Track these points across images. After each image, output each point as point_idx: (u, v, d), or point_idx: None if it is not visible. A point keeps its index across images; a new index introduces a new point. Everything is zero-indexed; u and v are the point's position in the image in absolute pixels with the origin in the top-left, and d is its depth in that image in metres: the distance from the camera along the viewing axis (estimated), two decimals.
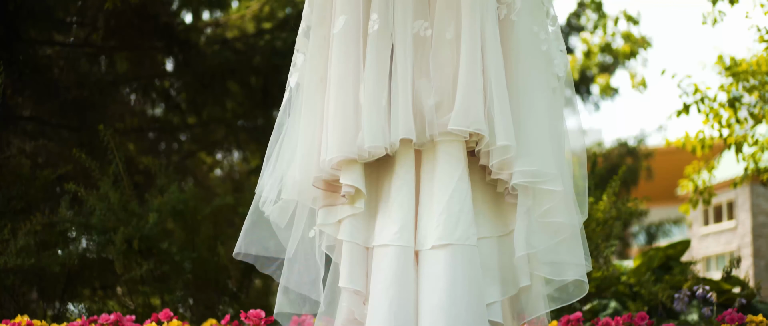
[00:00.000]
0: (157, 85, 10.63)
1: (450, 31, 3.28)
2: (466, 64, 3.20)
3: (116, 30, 9.44)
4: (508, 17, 3.35)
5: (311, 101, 3.41)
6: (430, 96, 3.22)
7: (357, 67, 3.28)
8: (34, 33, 9.02)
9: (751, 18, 8.19)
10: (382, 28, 3.27)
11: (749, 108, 8.37)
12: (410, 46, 3.28)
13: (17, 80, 8.28)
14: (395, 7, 3.31)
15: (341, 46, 3.30)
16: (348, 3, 3.32)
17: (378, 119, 3.19)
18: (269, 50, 10.42)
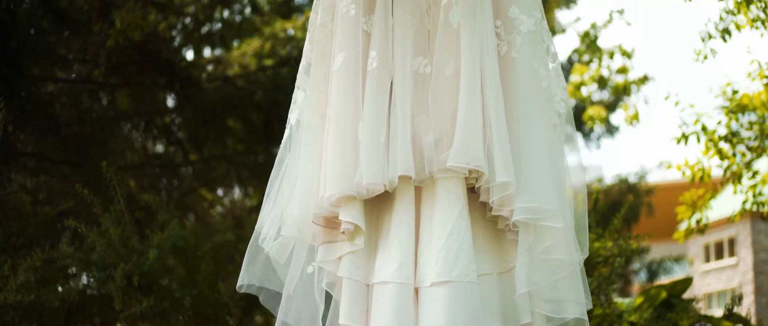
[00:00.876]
0: (158, 122, 10.65)
1: (449, 68, 3.29)
2: (465, 101, 3.21)
3: (118, 66, 9.47)
4: (509, 54, 3.36)
5: (311, 138, 3.43)
6: (430, 132, 3.23)
7: (356, 104, 3.29)
8: (36, 69, 9.04)
9: (752, 53, 8.20)
10: (381, 65, 3.28)
11: (748, 141, 8.38)
12: (409, 83, 3.29)
13: (19, 116, 8.29)
14: (394, 44, 3.32)
15: (340, 83, 3.32)
16: (347, 40, 3.34)
17: (377, 156, 3.19)
18: (270, 87, 10.45)
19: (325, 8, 3.50)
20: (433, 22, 3.38)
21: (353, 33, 3.34)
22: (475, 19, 3.30)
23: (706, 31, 8.14)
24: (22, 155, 8.76)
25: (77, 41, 9.32)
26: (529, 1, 3.41)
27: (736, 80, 8.40)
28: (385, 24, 3.33)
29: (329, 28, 3.47)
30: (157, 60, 9.60)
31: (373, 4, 3.38)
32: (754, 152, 8.35)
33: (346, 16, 3.37)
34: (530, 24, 3.37)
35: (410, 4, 3.37)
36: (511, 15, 3.37)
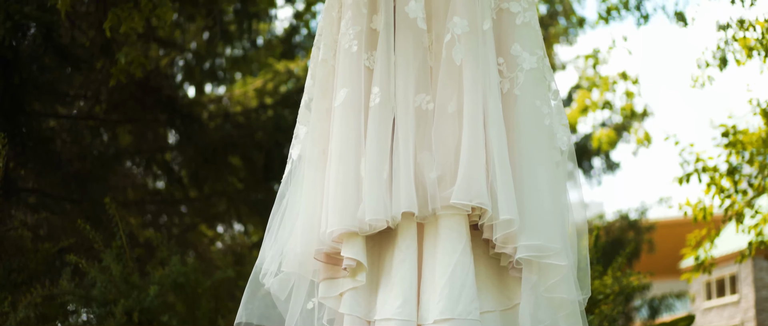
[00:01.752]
0: (158, 159, 10.65)
1: (452, 105, 3.30)
2: (468, 138, 3.22)
3: (119, 103, 9.49)
4: (511, 91, 3.37)
5: (313, 173, 3.43)
6: (433, 169, 3.23)
7: (358, 140, 3.29)
8: (37, 105, 9.06)
9: (752, 90, 8.23)
10: (383, 101, 3.29)
11: (750, 178, 8.37)
12: (412, 120, 3.29)
13: (20, 153, 8.30)
14: (396, 81, 3.33)
15: (343, 118, 3.32)
16: (349, 76, 3.35)
17: (379, 192, 3.19)
18: (271, 125, 10.46)
19: (327, 44, 3.52)
20: (435, 59, 3.39)
21: (355, 69, 3.35)
22: (477, 56, 3.31)
23: (704, 59, 8.17)
24: (23, 191, 8.76)
25: (79, 78, 9.34)
26: (531, 38, 3.43)
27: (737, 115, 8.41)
28: (388, 60, 3.34)
29: (331, 64, 3.49)
30: (159, 96, 9.62)
31: (375, 40, 3.40)
32: (755, 189, 8.35)
33: (348, 52, 3.38)
34: (532, 61, 3.39)
35: (412, 40, 3.39)
36: (514, 53, 3.39)
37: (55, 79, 9.04)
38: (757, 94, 12.65)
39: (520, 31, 3.43)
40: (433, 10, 3.46)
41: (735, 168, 8.39)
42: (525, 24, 3.45)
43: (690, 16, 8.44)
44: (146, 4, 6.02)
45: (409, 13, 3.40)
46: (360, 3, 3.43)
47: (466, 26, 3.34)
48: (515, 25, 3.44)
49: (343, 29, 3.43)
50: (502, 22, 3.45)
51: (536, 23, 3.48)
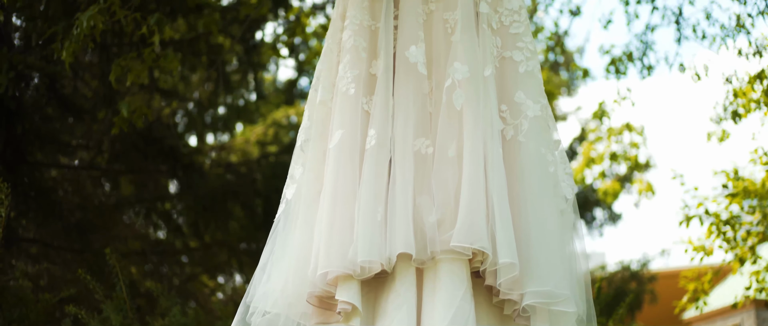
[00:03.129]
0: (159, 208, 10.64)
1: (452, 149, 3.31)
2: (468, 182, 3.22)
3: (121, 153, 9.50)
4: (516, 138, 3.38)
5: (307, 214, 3.42)
6: (432, 213, 3.22)
7: (353, 182, 3.28)
8: (40, 155, 9.07)
9: (756, 139, 8.25)
10: (379, 144, 3.29)
11: (750, 226, 8.35)
12: (410, 163, 3.30)
13: (21, 202, 8.30)
14: (395, 125, 3.34)
15: (337, 160, 3.33)
16: (345, 118, 3.37)
17: (372, 233, 3.17)
18: (272, 174, 10.46)
19: (325, 86, 3.54)
20: (435, 105, 3.41)
21: (352, 111, 3.37)
22: (478, 101, 3.33)
23: (717, 113, 8.21)
24: (24, 241, 8.74)
25: (81, 127, 9.37)
26: (534, 86, 3.46)
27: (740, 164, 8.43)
28: (386, 105, 3.35)
29: (329, 106, 3.50)
30: (161, 146, 9.64)
31: (373, 85, 3.42)
32: (757, 237, 8.33)
33: (345, 95, 3.40)
34: (536, 109, 3.41)
35: (412, 85, 3.41)
36: (518, 100, 3.41)
37: (58, 129, 9.06)
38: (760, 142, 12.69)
39: (523, 79, 3.46)
40: (434, 55, 3.49)
41: (736, 216, 8.38)
42: (528, 72, 3.47)
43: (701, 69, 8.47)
44: (150, 55, 6.05)
45: (409, 58, 3.43)
46: (359, 47, 3.46)
47: (466, 72, 3.36)
48: (518, 73, 3.46)
49: (341, 72, 3.46)
50: (505, 70, 3.48)
51: (538, 72, 3.51)
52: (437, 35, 3.53)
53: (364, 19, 3.54)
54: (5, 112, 7.98)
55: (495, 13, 3.56)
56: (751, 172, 8.57)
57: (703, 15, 9.02)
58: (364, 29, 3.52)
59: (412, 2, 3.57)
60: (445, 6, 3.58)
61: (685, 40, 9.31)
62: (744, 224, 8.32)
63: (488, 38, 3.49)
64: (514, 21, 3.56)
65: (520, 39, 3.54)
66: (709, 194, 8.47)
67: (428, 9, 3.60)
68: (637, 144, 13.27)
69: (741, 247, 8.29)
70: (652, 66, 9.89)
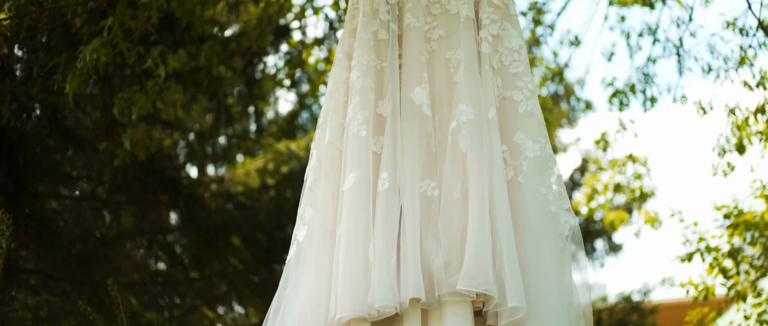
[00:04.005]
0: (160, 239, 10.62)
1: (458, 191, 3.32)
2: (474, 224, 3.23)
3: (122, 184, 9.51)
4: (516, 179, 3.40)
5: (319, 256, 3.43)
6: (439, 256, 3.23)
7: (367, 225, 3.30)
8: (41, 186, 9.07)
9: (755, 171, 8.25)
10: (391, 187, 3.31)
11: (752, 260, 8.33)
12: (417, 206, 3.31)
13: (22, 233, 8.28)
14: (403, 167, 3.35)
15: (351, 203, 3.34)
16: (359, 161, 3.38)
17: (388, 278, 3.20)
18: (273, 206, 10.46)
19: (333, 127, 3.55)
20: (439, 145, 3.42)
21: (364, 153, 3.38)
22: (482, 143, 3.34)
23: (720, 146, 8.21)
24: (24, 272, 8.72)
25: (82, 159, 9.37)
26: (533, 126, 3.47)
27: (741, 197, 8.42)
28: (395, 145, 3.37)
29: (337, 146, 3.51)
30: (162, 178, 9.64)
31: (382, 125, 3.43)
32: (758, 271, 8.30)
33: (356, 137, 3.41)
34: (536, 149, 3.42)
35: (417, 126, 3.42)
36: (517, 140, 3.43)
37: (59, 161, 9.07)
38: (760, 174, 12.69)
39: (523, 119, 3.47)
40: (437, 95, 3.50)
41: (737, 249, 8.36)
42: (527, 112, 3.49)
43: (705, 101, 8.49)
44: (153, 87, 6.06)
45: (414, 100, 3.44)
46: (368, 88, 3.47)
47: (471, 113, 3.37)
48: (518, 113, 3.48)
49: (350, 113, 3.47)
50: (505, 111, 3.49)
51: (538, 111, 3.52)
52: (440, 75, 3.55)
53: (371, 59, 3.55)
54: (7, 143, 7.99)
55: (495, 52, 3.58)
56: (751, 205, 8.56)
57: (705, 47, 9.06)
58: (371, 69, 3.54)
59: (415, 41, 3.59)
60: (448, 45, 3.61)
61: (688, 71, 9.34)
62: (745, 258, 8.30)
63: (490, 79, 3.50)
64: (514, 60, 3.59)
65: (519, 78, 3.55)
66: (709, 228, 8.45)
67: (431, 48, 3.62)
68: (641, 175, 13.27)
69: (743, 284, 8.27)
70: (654, 98, 9.91)
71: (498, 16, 3.62)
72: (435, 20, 3.67)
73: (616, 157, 12.71)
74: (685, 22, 9.48)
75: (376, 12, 3.65)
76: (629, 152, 12.20)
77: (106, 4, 6.16)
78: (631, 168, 12.99)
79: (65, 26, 7.79)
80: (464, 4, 3.63)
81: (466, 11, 3.61)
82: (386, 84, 3.51)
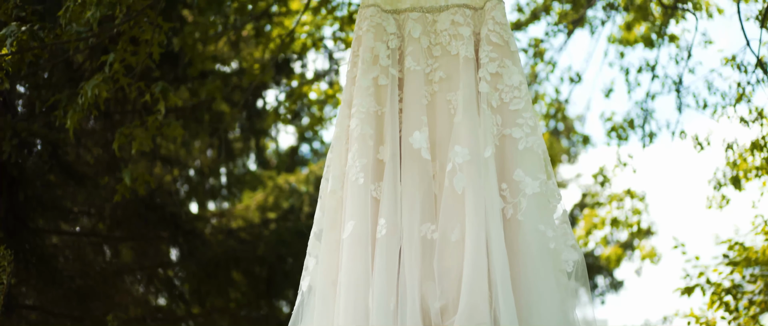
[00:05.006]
0: (161, 275, 10.61)
1: (455, 234, 3.32)
2: (470, 267, 3.23)
3: (122, 220, 9.50)
4: (515, 217, 3.40)
5: (323, 306, 3.44)
6: (436, 299, 3.24)
7: (366, 272, 3.31)
8: (41, 222, 9.08)
9: (757, 207, 8.26)
10: (390, 232, 3.31)
11: (752, 295, 8.31)
12: (417, 249, 3.32)
13: (22, 269, 8.28)
14: (402, 212, 3.36)
15: (350, 250, 3.35)
16: (357, 208, 3.39)
17: (387, 323, 3.20)
18: (274, 241, 10.46)
19: (335, 176, 3.56)
20: (439, 188, 3.42)
21: (362, 201, 3.39)
22: (479, 184, 3.34)
23: (716, 179, 8.22)
24: (24, 308, 8.71)
25: (83, 194, 9.38)
26: (534, 163, 3.47)
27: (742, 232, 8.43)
28: (394, 190, 3.38)
29: (339, 195, 3.52)
30: (162, 213, 9.64)
31: (381, 170, 3.44)
32: (759, 306, 8.28)
33: (355, 184, 3.42)
34: (535, 186, 3.41)
35: (417, 170, 3.43)
36: (517, 178, 3.43)
37: (60, 196, 9.08)
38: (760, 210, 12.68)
39: (522, 156, 3.48)
40: (438, 138, 3.51)
41: (737, 285, 8.34)
42: (527, 149, 3.49)
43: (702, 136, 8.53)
44: (154, 123, 6.08)
45: (413, 144, 3.45)
46: (366, 136, 3.49)
47: (467, 155, 3.38)
48: (517, 150, 3.48)
49: (350, 162, 3.48)
50: (505, 148, 3.50)
51: (539, 147, 3.51)
52: (441, 117, 3.57)
53: (371, 105, 3.57)
54: (7, 179, 8.00)
55: (495, 91, 3.59)
56: (752, 240, 8.56)
57: (704, 83, 9.09)
58: (370, 116, 3.55)
59: (416, 85, 3.61)
60: (448, 87, 3.62)
61: (687, 107, 9.36)
62: (746, 293, 8.28)
63: (488, 118, 3.51)
64: (515, 97, 3.59)
65: (520, 115, 3.56)
66: (710, 263, 8.44)
67: (432, 90, 3.63)
68: (639, 210, 13.27)
69: (745, 318, 8.24)
70: (653, 133, 9.94)
71: (497, 54, 3.63)
72: (436, 62, 3.68)
73: (615, 192, 12.72)
74: (684, 58, 9.53)
75: (376, 58, 3.67)
76: (628, 187, 12.20)
77: (108, 40, 6.19)
78: (629, 203, 13.00)
79: (67, 62, 7.83)
80: (464, 45, 3.65)
81: (464, 52, 3.63)
82: (386, 129, 3.52)
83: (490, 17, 3.71)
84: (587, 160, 28.90)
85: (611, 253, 14.43)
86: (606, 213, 13.43)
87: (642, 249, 14.04)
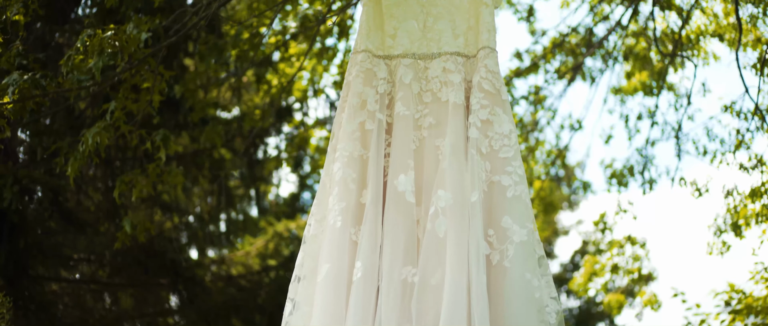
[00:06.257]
0: (161, 322, 10.57)
1: (436, 277, 3.31)
2: (448, 310, 3.21)
3: (122, 267, 9.50)
4: (501, 263, 3.38)
5: None
6: None
7: (339, 314, 3.29)
8: (41, 269, 9.07)
9: (757, 254, 8.24)
10: (365, 276, 3.30)
11: None
12: (398, 292, 3.30)
13: (21, 316, 8.26)
14: (383, 254, 3.35)
15: (323, 294, 3.33)
16: (331, 252, 3.38)
17: None
18: (274, 288, 10.43)
19: (318, 220, 3.56)
20: (423, 232, 3.42)
21: (339, 244, 3.38)
22: (462, 228, 3.33)
23: (717, 225, 8.22)
24: None
25: (83, 241, 9.38)
26: (522, 211, 3.46)
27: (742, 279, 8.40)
28: (374, 234, 3.36)
29: (321, 239, 3.51)
30: (163, 260, 9.63)
31: (361, 214, 3.43)
32: None
33: (333, 228, 3.41)
34: (523, 234, 3.41)
35: (401, 214, 3.42)
36: (504, 225, 3.42)
37: (60, 243, 9.08)
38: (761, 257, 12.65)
39: (510, 203, 3.47)
40: (425, 183, 3.52)
41: None
42: (516, 197, 3.48)
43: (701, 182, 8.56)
44: (154, 170, 6.10)
45: (398, 186, 3.46)
46: (348, 179, 3.49)
47: (449, 199, 3.38)
48: (506, 197, 3.48)
49: (330, 205, 3.48)
50: (493, 195, 3.49)
51: (527, 197, 3.52)
52: (429, 163, 3.57)
53: (355, 149, 3.58)
54: (8, 226, 8.01)
55: (485, 137, 3.60)
56: (752, 289, 8.54)
57: (703, 130, 9.13)
58: (354, 160, 3.56)
59: (405, 129, 3.62)
60: (437, 133, 3.63)
61: (686, 154, 9.39)
62: None
63: (477, 163, 3.51)
64: (504, 145, 3.59)
65: (509, 163, 3.56)
66: (711, 310, 8.41)
67: (421, 135, 3.64)
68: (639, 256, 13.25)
69: None
70: (653, 180, 9.95)
71: (488, 101, 3.64)
72: (426, 108, 3.70)
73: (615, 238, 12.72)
74: (684, 105, 9.57)
75: (363, 103, 3.68)
76: (628, 233, 12.20)
77: (110, 88, 6.23)
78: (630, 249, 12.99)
79: (68, 109, 7.86)
80: (454, 92, 3.66)
81: (454, 98, 3.64)
82: (369, 173, 3.52)
83: (482, 65, 3.74)
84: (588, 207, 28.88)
85: (612, 300, 14.38)
86: (607, 260, 13.42)
87: (643, 295, 14.00)
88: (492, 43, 3.80)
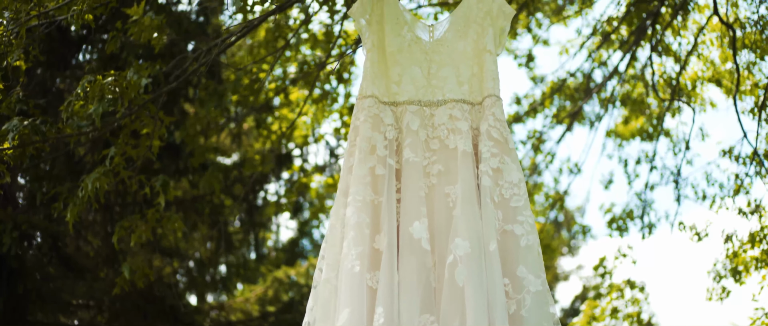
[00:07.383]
0: None
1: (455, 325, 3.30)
2: None
3: (121, 312, 9.46)
4: (518, 313, 3.38)
5: None
6: None
7: None
8: (40, 315, 9.04)
9: (757, 300, 8.22)
10: (387, 322, 3.28)
11: None
12: None
13: None
14: (401, 301, 3.33)
15: None
16: (353, 296, 3.35)
17: None
18: None
19: (329, 264, 3.53)
20: (438, 280, 3.41)
21: (358, 289, 3.36)
22: (480, 277, 3.33)
23: (716, 270, 8.21)
24: None
25: (82, 287, 9.36)
26: (534, 261, 3.47)
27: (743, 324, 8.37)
28: (391, 280, 3.36)
29: (333, 284, 3.49)
30: (162, 306, 9.60)
31: (378, 260, 3.42)
32: None
33: (350, 272, 3.39)
34: (538, 284, 3.41)
35: (417, 261, 3.41)
36: (520, 274, 3.42)
37: (59, 288, 9.06)
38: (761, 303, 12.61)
39: (524, 253, 3.47)
40: (436, 230, 3.51)
41: None
42: (528, 246, 3.49)
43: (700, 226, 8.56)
44: (153, 215, 6.09)
45: (414, 234, 3.45)
46: (362, 224, 3.48)
47: (467, 247, 3.37)
48: (520, 246, 3.48)
49: (345, 250, 3.46)
50: (507, 244, 3.49)
51: (538, 246, 3.52)
52: (439, 209, 3.56)
53: (367, 194, 3.57)
54: (7, 271, 7.99)
55: (496, 186, 3.60)
56: None
57: (702, 174, 9.14)
58: (366, 205, 3.55)
59: (414, 176, 3.61)
60: (447, 180, 3.63)
61: (685, 198, 9.39)
62: None
63: (491, 212, 3.51)
64: (514, 194, 3.60)
65: (520, 212, 3.56)
66: None
67: (430, 182, 3.64)
68: (638, 300, 13.21)
69: None
70: (653, 224, 9.95)
71: (498, 150, 3.64)
72: (434, 155, 3.69)
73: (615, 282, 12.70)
74: (682, 150, 9.60)
75: (373, 148, 3.68)
76: (628, 278, 12.18)
77: (109, 133, 6.24)
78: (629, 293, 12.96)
79: (68, 155, 7.88)
80: (461, 139, 3.66)
81: (463, 145, 3.64)
82: (382, 218, 3.51)
83: (490, 113, 3.74)
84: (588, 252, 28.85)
85: None
86: (606, 304, 13.38)
87: None
88: (497, 91, 3.81)
